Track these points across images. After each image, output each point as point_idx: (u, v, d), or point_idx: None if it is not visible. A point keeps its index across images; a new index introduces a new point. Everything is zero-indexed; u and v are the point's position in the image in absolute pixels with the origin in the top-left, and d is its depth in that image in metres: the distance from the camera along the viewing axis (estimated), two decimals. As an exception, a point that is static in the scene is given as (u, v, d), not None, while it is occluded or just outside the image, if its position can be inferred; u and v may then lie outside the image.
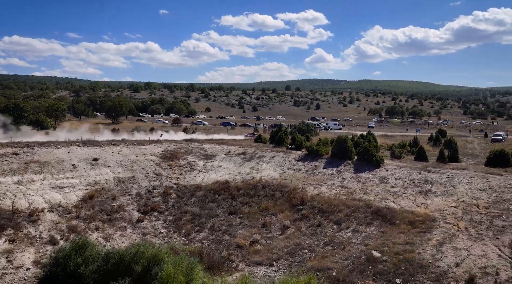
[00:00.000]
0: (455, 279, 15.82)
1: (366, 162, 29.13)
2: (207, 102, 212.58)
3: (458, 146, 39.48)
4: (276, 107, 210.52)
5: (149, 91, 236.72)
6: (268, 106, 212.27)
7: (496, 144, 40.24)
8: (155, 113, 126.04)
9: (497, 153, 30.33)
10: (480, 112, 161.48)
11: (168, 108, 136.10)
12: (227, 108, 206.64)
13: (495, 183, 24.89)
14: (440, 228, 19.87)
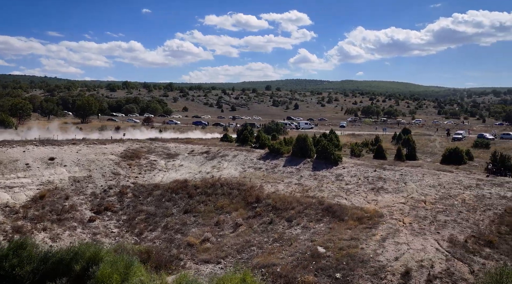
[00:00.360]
0: (392, 273, 16.35)
1: (325, 160, 29.65)
2: (185, 102, 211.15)
3: (420, 144, 40.71)
4: (255, 107, 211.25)
5: (127, 91, 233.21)
6: (247, 106, 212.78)
7: (456, 142, 41.73)
8: (129, 112, 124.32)
9: (452, 150, 31.42)
10: (454, 112, 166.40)
11: (143, 108, 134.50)
12: (206, 108, 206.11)
13: (444, 180, 25.78)
14: (386, 224, 20.46)
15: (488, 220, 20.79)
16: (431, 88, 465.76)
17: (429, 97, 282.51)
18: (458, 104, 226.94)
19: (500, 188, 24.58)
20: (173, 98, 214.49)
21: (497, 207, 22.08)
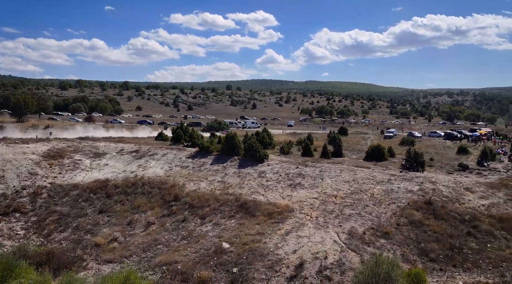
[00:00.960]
0: (287, 265, 16.98)
1: (251, 157, 30.16)
2: (140, 101, 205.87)
3: (353, 142, 42.33)
4: (213, 106, 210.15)
5: (79, 89, 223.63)
6: (205, 106, 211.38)
7: (387, 140, 44.01)
8: (76, 111, 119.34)
9: (374, 148, 33.02)
10: (404, 112, 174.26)
11: (92, 107, 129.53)
12: (161, 107, 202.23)
13: (360, 176, 27.06)
14: (293, 218, 21.18)
15: (391, 213, 22.11)
16: (390, 89, 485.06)
17: (388, 98, 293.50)
18: (411, 104, 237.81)
19: (409, 182, 26.18)
20: (127, 97, 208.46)
21: (402, 200, 23.53)
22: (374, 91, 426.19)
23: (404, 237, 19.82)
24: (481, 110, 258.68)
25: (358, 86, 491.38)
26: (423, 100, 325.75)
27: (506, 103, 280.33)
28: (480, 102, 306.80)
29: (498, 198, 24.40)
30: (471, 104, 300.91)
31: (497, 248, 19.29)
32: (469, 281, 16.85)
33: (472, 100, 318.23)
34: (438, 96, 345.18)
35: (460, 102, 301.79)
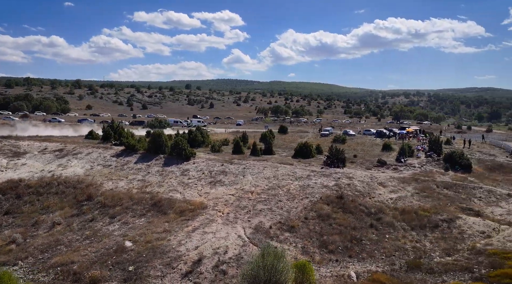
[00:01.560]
0: (185, 261, 17.05)
1: (177, 156, 29.99)
2: (92, 100, 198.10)
3: (289, 141, 43.14)
4: (169, 105, 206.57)
5: (26, 88, 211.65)
6: (160, 105, 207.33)
7: (323, 138, 45.47)
8: (18, 110, 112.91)
9: (302, 145, 33.89)
10: (357, 112, 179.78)
11: (35, 106, 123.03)
12: (114, 106, 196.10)
13: (281, 172, 27.70)
14: (205, 215, 21.32)
15: (302, 207, 22.81)
16: (352, 89, 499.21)
17: (347, 98, 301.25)
18: (365, 104, 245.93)
19: (326, 178, 27.14)
20: (78, 96, 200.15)
21: (316, 195, 24.34)
22: (336, 91, 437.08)
23: (309, 230, 20.52)
24: (435, 110, 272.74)
25: (321, 87, 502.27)
26: (381, 100, 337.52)
27: (457, 104, 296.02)
28: (434, 102, 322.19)
29: (406, 192, 25.89)
30: (426, 104, 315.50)
31: (394, 238, 20.47)
32: (360, 270, 17.74)
33: (426, 101, 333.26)
34: (395, 97, 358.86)
35: (415, 102, 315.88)
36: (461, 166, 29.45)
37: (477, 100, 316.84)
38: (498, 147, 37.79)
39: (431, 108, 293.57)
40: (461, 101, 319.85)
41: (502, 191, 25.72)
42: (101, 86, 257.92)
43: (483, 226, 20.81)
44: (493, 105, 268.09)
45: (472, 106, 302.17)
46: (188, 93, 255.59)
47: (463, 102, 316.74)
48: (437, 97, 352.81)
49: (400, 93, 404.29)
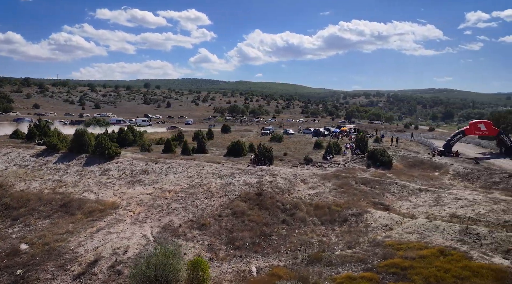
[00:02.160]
0: (80, 263, 16.61)
1: (101, 155, 29.21)
2: (41, 99, 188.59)
3: (228, 140, 43.16)
4: (124, 105, 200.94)
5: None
6: (115, 104, 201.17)
7: (263, 136, 46.16)
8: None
9: (234, 144, 34.08)
10: (314, 112, 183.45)
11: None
12: (65, 105, 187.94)
13: (206, 170, 27.71)
14: (114, 215, 20.90)
15: (218, 205, 22.93)
16: (316, 90, 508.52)
17: (309, 98, 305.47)
18: (324, 104, 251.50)
19: (251, 175, 27.45)
20: (26, 95, 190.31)
21: (235, 193, 24.54)
22: (301, 92, 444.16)
23: (219, 228, 20.67)
24: (393, 110, 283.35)
25: (286, 87, 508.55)
26: (342, 100, 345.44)
27: (414, 104, 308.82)
28: (392, 103, 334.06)
29: (325, 188, 26.74)
30: (384, 104, 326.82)
31: (302, 233, 21.06)
32: (263, 265, 18.10)
33: (385, 101, 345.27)
34: (356, 97, 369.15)
35: (374, 103, 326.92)
36: (382, 163, 30.82)
37: (433, 101, 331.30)
38: (424, 145, 39.96)
39: (390, 108, 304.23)
40: (417, 102, 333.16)
41: (415, 186, 27.18)
42: (53, 84, 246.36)
43: (388, 219, 21.87)
44: (447, 106, 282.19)
45: (428, 107, 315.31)
46: (145, 92, 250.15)
47: (420, 102, 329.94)
48: (396, 98, 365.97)
49: (361, 93, 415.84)
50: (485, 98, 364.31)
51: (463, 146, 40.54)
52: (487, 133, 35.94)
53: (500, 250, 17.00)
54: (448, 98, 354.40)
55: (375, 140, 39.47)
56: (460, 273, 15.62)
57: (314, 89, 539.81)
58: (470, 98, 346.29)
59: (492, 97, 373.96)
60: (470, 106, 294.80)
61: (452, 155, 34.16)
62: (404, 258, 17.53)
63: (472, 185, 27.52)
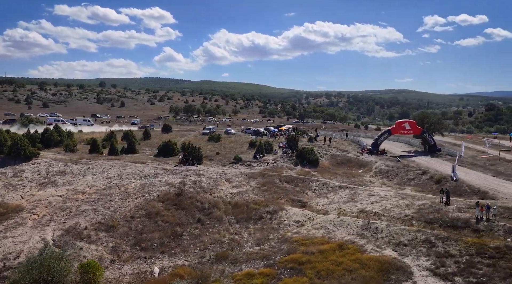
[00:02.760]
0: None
1: (17, 155, 27.90)
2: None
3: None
4: (75, 104, 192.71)
5: None
6: (65, 103, 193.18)
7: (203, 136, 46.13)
8: None
9: (165, 143, 33.73)
10: (272, 112, 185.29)
11: None
12: (11, 104, 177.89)
13: (128, 171, 27.27)
14: (15, 218, 20.06)
15: (133, 206, 22.57)
16: (281, 90, 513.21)
17: (270, 98, 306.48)
18: (282, 104, 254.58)
19: (175, 176, 27.26)
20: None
21: (154, 193, 24.25)
22: (265, 92, 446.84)
23: (128, 229, 20.37)
24: (352, 110, 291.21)
25: (251, 87, 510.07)
26: (304, 101, 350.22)
27: (372, 105, 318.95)
28: (352, 103, 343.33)
29: (249, 186, 27.07)
30: (344, 105, 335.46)
31: (216, 232, 21.20)
32: (167, 265, 18.05)
33: (345, 102, 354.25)
34: (318, 98, 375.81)
35: (335, 103, 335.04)
36: (309, 161, 31.67)
37: (390, 101, 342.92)
38: (356, 143, 41.46)
39: (349, 108, 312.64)
40: (376, 102, 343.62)
41: (336, 183, 28.16)
42: None
43: (301, 216, 22.50)
44: (404, 106, 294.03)
45: (385, 107, 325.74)
46: (99, 91, 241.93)
47: (378, 103, 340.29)
48: (356, 98, 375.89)
49: (323, 94, 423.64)
50: (440, 99, 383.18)
51: (394, 144, 42.51)
52: (411, 132, 37.92)
53: (392, 243, 17.98)
54: (406, 98, 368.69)
55: (309, 140, 40.42)
56: (350, 265, 16.37)
57: (278, 89, 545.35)
58: (426, 98, 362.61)
59: (446, 98, 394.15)
60: (425, 106, 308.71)
61: (379, 153, 35.72)
62: (305, 253, 18.12)
63: (390, 181, 28.93)
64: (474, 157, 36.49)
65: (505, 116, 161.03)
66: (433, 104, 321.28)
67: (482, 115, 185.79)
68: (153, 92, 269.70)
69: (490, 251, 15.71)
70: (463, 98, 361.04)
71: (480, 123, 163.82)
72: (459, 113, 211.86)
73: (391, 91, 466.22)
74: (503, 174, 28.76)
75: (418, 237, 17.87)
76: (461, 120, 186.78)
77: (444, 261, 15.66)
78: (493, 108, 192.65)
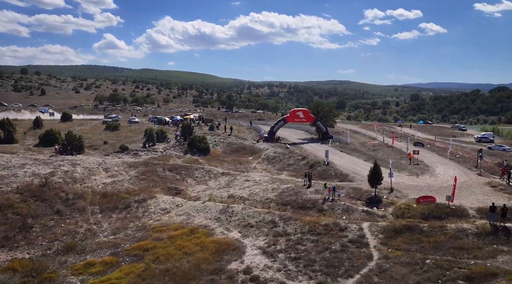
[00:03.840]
0: None
1: None
2: None
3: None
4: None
5: None
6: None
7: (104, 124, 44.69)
8: None
9: (47, 132, 32.08)
10: (205, 101, 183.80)
11: None
12: None
13: (-8, 162, 25.42)
14: None
15: (-16, 198, 21.22)
16: (225, 80, 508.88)
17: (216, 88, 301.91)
18: (218, 94, 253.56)
19: (46, 166, 26.11)
20: None
21: (13, 184, 22.94)
22: (209, 81, 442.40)
23: (-30, 222, 19.17)
24: (292, 100, 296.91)
25: (195, 76, 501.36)
26: (246, 91, 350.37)
27: (311, 95, 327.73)
28: (292, 93, 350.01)
29: (127, 176, 26.68)
30: (285, 95, 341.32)
31: (73, 223, 20.60)
32: (4, 259, 17.27)
33: (286, 92, 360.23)
34: (260, 88, 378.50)
35: (275, 93, 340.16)
36: (200, 149, 31.87)
37: (329, 91, 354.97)
38: (256, 131, 42.48)
39: (289, 98, 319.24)
40: (315, 92, 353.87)
41: (220, 170, 28.69)
42: None
43: (170, 203, 22.66)
44: (341, 96, 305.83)
45: (324, 97, 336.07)
46: (18, 78, 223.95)
47: (317, 93, 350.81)
48: (296, 89, 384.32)
49: (266, 84, 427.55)
50: (377, 89, 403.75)
51: (294, 132, 44.28)
52: (305, 120, 39.68)
53: (241, 225, 18.74)
54: (345, 89, 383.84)
55: (210, 128, 40.68)
56: (191, 249, 16.80)
57: (222, 79, 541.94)
58: (364, 89, 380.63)
59: (383, 88, 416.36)
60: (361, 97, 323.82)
61: (274, 141, 36.94)
62: (155, 239, 18.27)
63: (273, 167, 30.09)
64: (363, 143, 39.10)
65: (427, 106, 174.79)
66: (369, 94, 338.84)
67: (407, 105, 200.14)
68: (80, 80, 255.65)
69: (320, 228, 16.98)
70: (397, 89, 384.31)
71: (405, 112, 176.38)
72: (387, 103, 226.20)
73: (332, 82, 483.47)
74: (379, 159, 31.09)
75: (265, 219, 18.81)
76: (389, 110, 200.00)
77: (278, 240, 16.67)
78: (417, 99, 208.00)
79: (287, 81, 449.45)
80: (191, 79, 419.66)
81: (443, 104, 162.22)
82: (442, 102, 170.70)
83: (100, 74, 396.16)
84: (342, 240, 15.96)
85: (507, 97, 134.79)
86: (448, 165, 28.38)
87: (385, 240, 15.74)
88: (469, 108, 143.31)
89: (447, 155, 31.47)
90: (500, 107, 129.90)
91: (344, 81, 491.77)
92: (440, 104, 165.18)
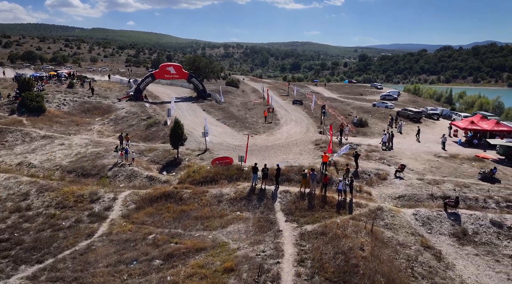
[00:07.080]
0: None
1: None
2: None
3: None
4: None
5: None
6: None
7: None
8: None
9: None
10: (137, 61, 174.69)
11: None
12: None
13: None
14: None
15: None
16: (181, 40, 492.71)
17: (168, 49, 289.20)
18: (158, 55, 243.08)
19: None
20: None
21: None
22: (164, 41, 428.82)
23: None
24: (247, 62, 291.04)
25: (151, 37, 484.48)
26: (201, 51, 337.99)
27: (266, 56, 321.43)
28: (247, 54, 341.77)
29: None
30: (240, 56, 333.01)
31: None
32: None
33: (241, 53, 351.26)
34: (215, 49, 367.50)
35: (230, 54, 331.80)
36: (30, 109, 28.01)
37: (285, 53, 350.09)
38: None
39: (244, 60, 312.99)
40: (271, 54, 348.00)
41: (42, 133, 25.32)
42: None
43: None
44: (297, 58, 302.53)
45: (280, 59, 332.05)
46: None
47: (273, 54, 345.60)
48: (252, 50, 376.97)
49: (220, 45, 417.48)
50: (337, 51, 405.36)
51: (176, 89, 41.30)
52: (177, 76, 36.31)
53: None
54: (305, 51, 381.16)
55: (69, 86, 36.09)
56: None
57: (180, 39, 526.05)
58: (325, 50, 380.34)
59: (344, 50, 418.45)
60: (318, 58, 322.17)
61: (139, 99, 33.56)
62: None
63: (113, 129, 27.11)
64: (245, 103, 36.67)
65: (373, 66, 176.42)
66: (327, 56, 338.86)
67: (355, 65, 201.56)
68: (3, 37, 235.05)
69: (71, 201, 14.44)
70: (357, 50, 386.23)
71: (352, 72, 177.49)
72: (336, 64, 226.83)
73: (295, 43, 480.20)
74: (239, 118, 29.01)
75: (21, 190, 16.02)
76: (337, 70, 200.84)
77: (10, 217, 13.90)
78: (364, 59, 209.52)
79: (250, 43, 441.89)
80: (146, 40, 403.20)
81: (388, 65, 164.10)
82: (388, 62, 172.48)
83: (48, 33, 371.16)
84: (82, 214, 13.54)
85: (447, 57, 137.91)
86: (302, 122, 26.69)
87: (132, 211, 13.50)
88: (412, 68, 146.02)
89: (311, 112, 29.72)
90: (441, 66, 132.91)
91: (306, 43, 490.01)
92: (386, 64, 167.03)
